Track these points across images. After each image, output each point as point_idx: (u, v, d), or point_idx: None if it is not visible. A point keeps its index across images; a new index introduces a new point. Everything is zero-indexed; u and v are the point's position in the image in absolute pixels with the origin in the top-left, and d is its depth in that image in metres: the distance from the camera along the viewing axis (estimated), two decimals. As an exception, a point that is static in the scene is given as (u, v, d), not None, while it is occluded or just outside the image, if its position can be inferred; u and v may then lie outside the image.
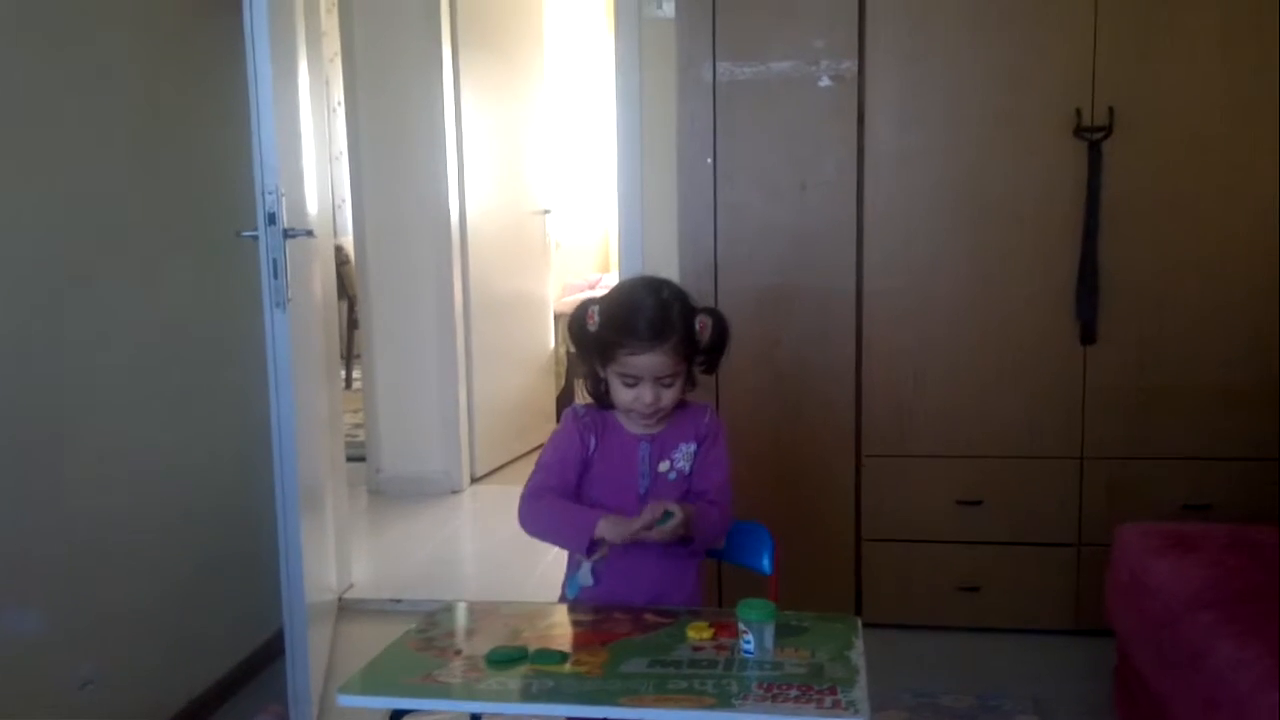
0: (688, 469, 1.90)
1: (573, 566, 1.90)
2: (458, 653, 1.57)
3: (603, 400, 1.87)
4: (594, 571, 1.85)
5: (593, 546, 1.76)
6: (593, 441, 1.86)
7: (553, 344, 5.57)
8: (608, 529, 1.74)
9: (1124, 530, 2.48)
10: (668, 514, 1.74)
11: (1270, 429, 2.87)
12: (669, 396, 1.82)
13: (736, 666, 1.48)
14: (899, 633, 3.01)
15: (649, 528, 1.71)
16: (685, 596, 1.87)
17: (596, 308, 1.84)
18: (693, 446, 1.90)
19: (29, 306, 2.17)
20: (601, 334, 1.81)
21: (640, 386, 1.79)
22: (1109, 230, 2.85)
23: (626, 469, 1.87)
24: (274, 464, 2.46)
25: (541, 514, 1.84)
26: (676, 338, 1.79)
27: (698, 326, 1.83)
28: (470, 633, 1.72)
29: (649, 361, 1.77)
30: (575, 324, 1.87)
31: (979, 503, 2.99)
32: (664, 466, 1.88)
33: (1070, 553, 2.98)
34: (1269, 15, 2.75)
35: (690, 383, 1.87)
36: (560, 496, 1.84)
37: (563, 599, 1.92)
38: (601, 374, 1.84)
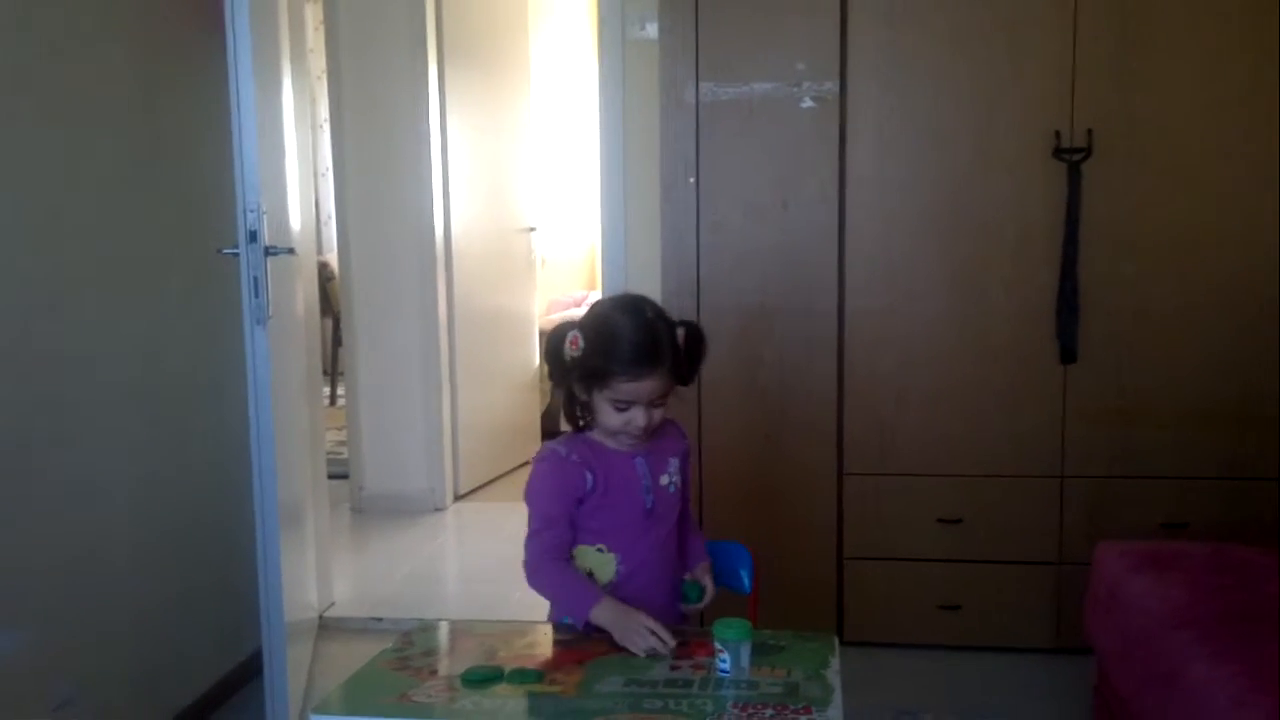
0: (679, 483, 1.91)
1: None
2: (433, 672, 1.57)
3: (577, 422, 1.85)
4: None
5: (589, 626, 1.70)
6: (589, 478, 1.79)
7: (537, 361, 5.56)
8: (604, 617, 1.68)
9: (1103, 548, 2.49)
10: (698, 589, 1.85)
11: (1247, 448, 2.90)
12: (659, 416, 1.81)
13: (712, 686, 1.48)
14: (880, 651, 3.00)
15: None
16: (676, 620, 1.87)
17: (578, 334, 1.78)
18: (677, 461, 1.91)
19: (4, 323, 2.16)
20: (589, 361, 1.76)
21: (633, 410, 1.76)
22: (1089, 250, 2.87)
23: (629, 490, 1.83)
24: (253, 481, 2.45)
25: (544, 581, 1.80)
26: (668, 362, 1.77)
27: (679, 340, 1.83)
28: (446, 652, 1.71)
29: (644, 387, 1.75)
30: (553, 349, 1.81)
31: (959, 521, 3.00)
32: (664, 479, 1.87)
33: (1050, 571, 2.99)
34: (1249, 37, 2.78)
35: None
36: (561, 556, 1.80)
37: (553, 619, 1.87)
38: (585, 398, 1.80)
